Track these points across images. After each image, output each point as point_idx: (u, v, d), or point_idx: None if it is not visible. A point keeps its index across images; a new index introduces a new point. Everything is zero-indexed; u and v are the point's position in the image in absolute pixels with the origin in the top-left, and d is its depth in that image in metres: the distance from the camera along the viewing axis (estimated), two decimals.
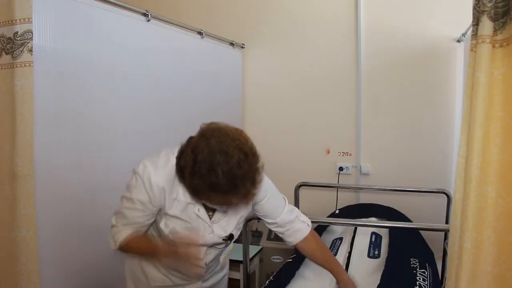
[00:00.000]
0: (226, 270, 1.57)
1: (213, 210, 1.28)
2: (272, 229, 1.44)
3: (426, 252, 2.10)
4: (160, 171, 1.16)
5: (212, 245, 1.31)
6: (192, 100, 2.30)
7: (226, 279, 1.59)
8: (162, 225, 1.23)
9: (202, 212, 1.24)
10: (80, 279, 1.59)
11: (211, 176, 1.00)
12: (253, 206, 1.37)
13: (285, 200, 1.43)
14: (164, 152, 1.22)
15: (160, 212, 1.23)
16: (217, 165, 1.00)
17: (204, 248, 1.30)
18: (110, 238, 1.25)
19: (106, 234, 1.26)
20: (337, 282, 1.45)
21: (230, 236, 1.31)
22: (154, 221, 1.27)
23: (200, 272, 1.34)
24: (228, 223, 1.30)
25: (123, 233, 1.22)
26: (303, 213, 1.52)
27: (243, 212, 1.34)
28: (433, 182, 2.52)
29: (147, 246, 1.22)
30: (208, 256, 1.33)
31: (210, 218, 1.27)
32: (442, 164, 2.58)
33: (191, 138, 1.09)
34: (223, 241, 1.30)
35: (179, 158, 1.08)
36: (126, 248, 1.23)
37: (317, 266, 1.57)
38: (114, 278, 1.69)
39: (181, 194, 1.18)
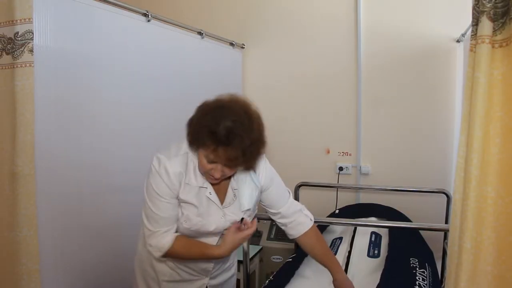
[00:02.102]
0: (234, 270, 1.57)
1: (223, 195, 1.30)
2: (276, 220, 1.46)
3: (426, 252, 2.10)
4: (174, 158, 1.22)
5: (224, 232, 1.32)
6: (192, 100, 2.28)
7: (234, 280, 1.59)
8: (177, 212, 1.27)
9: (214, 195, 1.27)
10: (81, 279, 1.59)
11: (212, 122, 1.08)
12: (260, 193, 1.39)
13: (289, 193, 1.47)
14: (174, 144, 1.27)
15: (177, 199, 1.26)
16: (222, 115, 1.09)
17: (216, 239, 1.32)
18: (151, 246, 1.24)
19: (107, 233, 1.26)
20: (333, 280, 1.45)
21: (242, 220, 1.32)
22: None
23: (207, 268, 1.37)
24: (239, 208, 1.32)
25: (168, 239, 1.24)
26: None
27: (253, 195, 1.35)
28: (433, 182, 2.53)
29: (201, 251, 1.26)
30: None
31: (222, 204, 1.30)
32: (442, 164, 2.58)
33: None
34: None
35: (196, 110, 1.17)
36: (172, 254, 1.26)
37: (317, 266, 1.57)
38: (115, 277, 1.69)
39: (193, 178, 1.23)
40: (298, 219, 1.44)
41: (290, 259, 1.93)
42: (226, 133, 1.07)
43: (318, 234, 1.49)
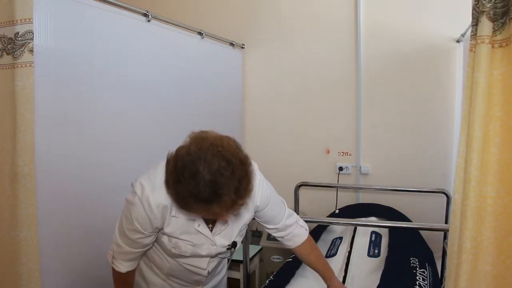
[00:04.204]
0: (224, 271, 1.54)
1: (214, 222, 1.24)
2: (273, 234, 1.42)
3: (426, 252, 2.10)
4: (159, 190, 1.10)
5: (216, 255, 1.29)
6: (192, 100, 2.31)
7: (225, 280, 1.57)
8: (165, 239, 1.20)
9: (203, 227, 1.20)
10: (81, 278, 1.59)
11: (191, 184, 0.97)
12: (255, 212, 1.34)
13: (284, 205, 1.41)
14: (161, 167, 1.12)
15: (160, 231, 1.20)
16: (197, 172, 0.96)
17: (207, 260, 1.28)
18: (111, 255, 1.24)
19: (107, 234, 1.26)
20: (328, 286, 1.44)
21: (234, 244, 1.29)
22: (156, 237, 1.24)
23: (200, 280, 1.34)
24: (231, 231, 1.28)
25: (122, 266, 1.24)
26: (303, 212, 1.53)
27: (246, 219, 1.31)
28: (433, 182, 2.53)
29: None
30: (211, 264, 1.31)
31: (211, 230, 1.23)
32: (442, 164, 2.58)
33: (179, 147, 1.07)
34: (227, 250, 1.29)
35: (166, 167, 1.05)
36: (115, 275, 1.27)
37: None
38: None
39: (180, 211, 1.14)
40: (294, 231, 1.41)
41: (290, 259, 1.93)
42: (211, 190, 0.96)
43: (312, 243, 1.47)
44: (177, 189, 1.00)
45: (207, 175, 0.96)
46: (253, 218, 1.36)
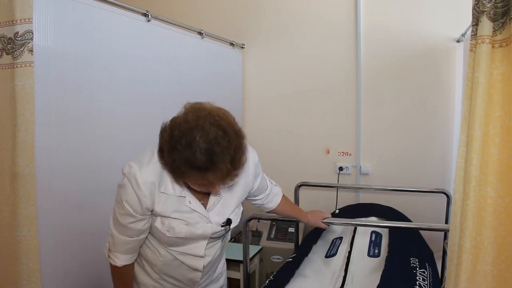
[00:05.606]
0: (222, 281, 1.50)
1: (207, 197, 1.22)
2: (259, 203, 1.47)
3: (426, 252, 2.10)
4: (146, 168, 1.13)
5: (212, 236, 1.26)
6: (192, 100, 2.30)
7: None
8: (158, 223, 1.18)
9: (195, 203, 1.19)
10: (81, 278, 1.59)
11: (187, 152, 0.98)
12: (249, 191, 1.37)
13: (265, 176, 1.46)
14: (149, 149, 1.18)
15: (152, 213, 1.19)
16: (194, 140, 0.98)
17: (205, 243, 1.25)
18: (107, 248, 1.24)
19: (106, 234, 1.26)
20: (307, 222, 1.62)
21: (228, 221, 1.26)
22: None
23: (195, 278, 1.31)
24: (224, 207, 1.25)
25: (118, 260, 1.22)
26: None
27: (239, 194, 1.29)
28: (433, 182, 2.53)
29: None
30: (207, 258, 1.28)
31: (205, 207, 1.21)
32: (442, 164, 2.58)
33: (174, 117, 1.09)
34: (222, 227, 1.25)
35: (160, 136, 1.07)
36: (113, 270, 1.25)
37: (317, 265, 1.57)
38: None
39: (170, 187, 1.14)
40: (273, 191, 1.48)
41: (290, 259, 1.93)
42: (207, 158, 0.98)
43: (286, 197, 1.56)
44: (173, 156, 1.01)
45: (204, 143, 0.98)
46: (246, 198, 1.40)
